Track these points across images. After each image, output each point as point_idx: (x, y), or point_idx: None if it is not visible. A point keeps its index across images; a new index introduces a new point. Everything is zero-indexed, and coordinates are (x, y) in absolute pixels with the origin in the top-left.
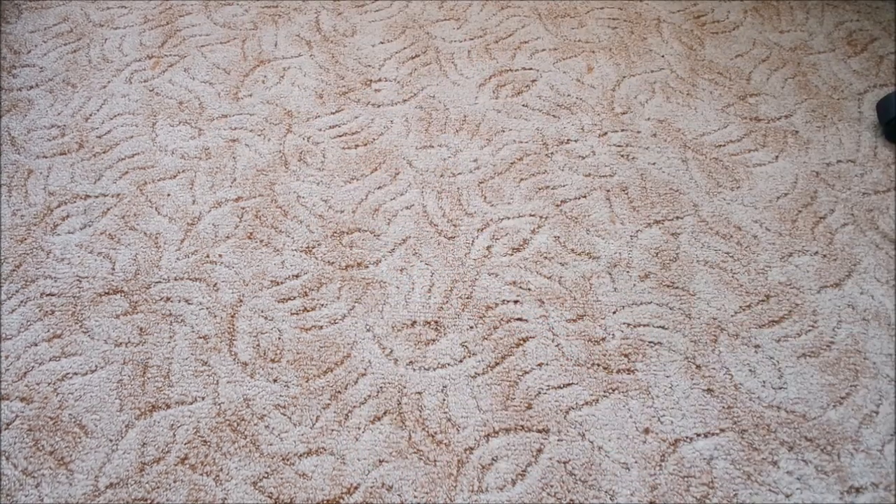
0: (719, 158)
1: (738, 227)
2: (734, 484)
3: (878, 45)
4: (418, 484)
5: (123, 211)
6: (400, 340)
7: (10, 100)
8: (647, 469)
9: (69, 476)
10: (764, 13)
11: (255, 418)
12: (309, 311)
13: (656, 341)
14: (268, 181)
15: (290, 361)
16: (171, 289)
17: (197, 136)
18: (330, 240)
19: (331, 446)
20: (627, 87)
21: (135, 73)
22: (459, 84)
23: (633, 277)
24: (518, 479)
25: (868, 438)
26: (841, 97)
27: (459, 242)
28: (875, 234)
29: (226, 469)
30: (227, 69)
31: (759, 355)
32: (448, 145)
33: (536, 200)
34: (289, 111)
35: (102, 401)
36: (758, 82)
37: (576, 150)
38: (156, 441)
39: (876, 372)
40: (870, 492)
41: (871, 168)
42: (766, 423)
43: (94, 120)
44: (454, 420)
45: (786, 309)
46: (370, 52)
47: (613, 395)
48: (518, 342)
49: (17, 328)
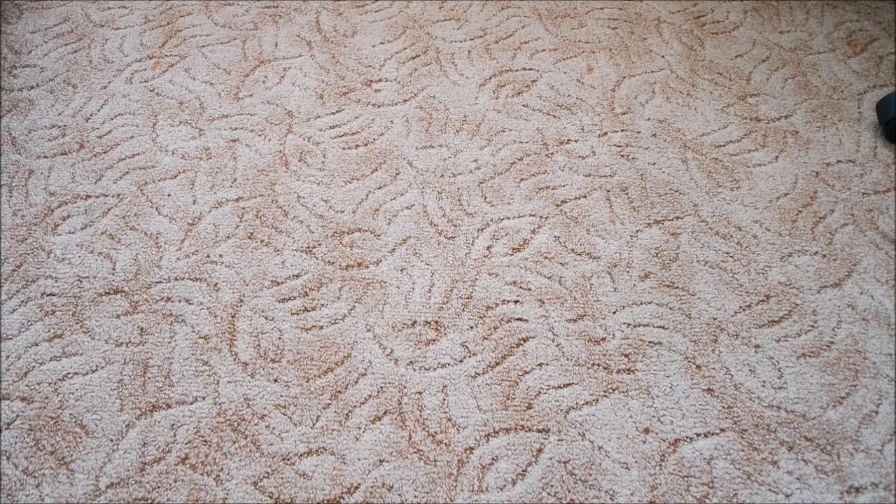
0: (719, 158)
1: (738, 227)
2: (734, 484)
3: (878, 46)
4: (418, 484)
5: (124, 211)
6: (400, 340)
7: (11, 100)
8: (647, 469)
9: (70, 476)
10: (764, 13)
11: (255, 418)
12: (309, 311)
13: (656, 341)
14: (268, 181)
15: (290, 361)
16: (172, 289)
17: (197, 136)
18: (330, 240)
19: (331, 446)
20: (627, 88)
21: (135, 73)
22: (460, 84)
23: (633, 277)
24: (518, 478)
25: (868, 438)
26: (841, 97)
27: (460, 242)
28: (875, 234)
29: (226, 469)
30: (228, 69)
31: (759, 355)
32: (448, 145)
33: (536, 200)
34: (289, 111)
35: (103, 401)
36: (758, 82)
37: (576, 151)
38: (156, 441)
39: (876, 372)
40: (870, 492)
41: (870, 168)
42: (766, 422)
43: (95, 120)
44: (454, 420)
45: (786, 309)
46: (370, 53)
47: (613, 395)
48: (518, 342)
49: (17, 328)
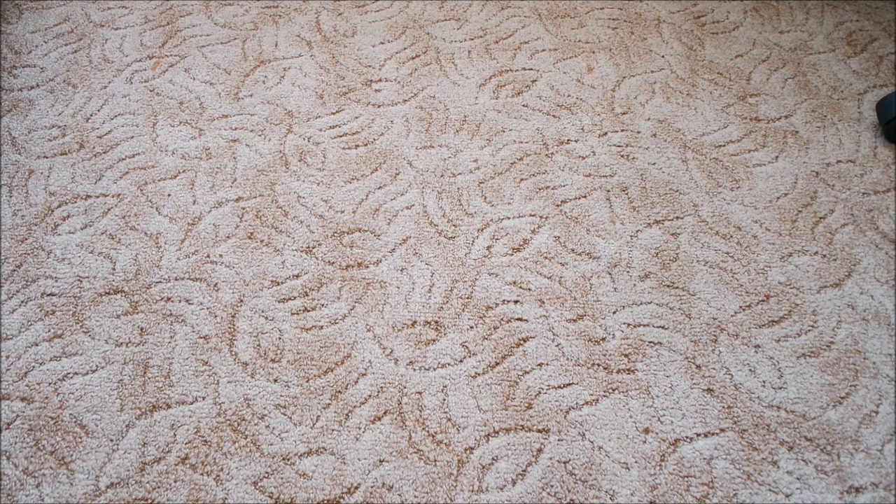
0: (719, 158)
1: (738, 227)
2: (734, 484)
3: (878, 46)
4: (418, 484)
5: (124, 211)
6: (400, 340)
7: (11, 100)
8: (647, 469)
9: (70, 476)
10: (764, 13)
11: (255, 418)
12: (309, 311)
13: (656, 341)
14: (268, 181)
15: (290, 361)
16: (172, 289)
17: (197, 136)
18: (330, 240)
19: (331, 446)
20: (627, 88)
21: (135, 73)
22: (460, 84)
23: (634, 277)
24: (518, 478)
25: (868, 438)
26: (841, 97)
27: (460, 242)
28: (875, 234)
29: (226, 469)
30: (228, 69)
31: (759, 355)
32: (448, 145)
33: (536, 200)
34: (289, 111)
35: (103, 400)
36: (758, 82)
37: (576, 151)
38: (156, 441)
39: (876, 372)
40: (870, 492)
41: (870, 168)
42: (766, 422)
43: (95, 120)
44: (454, 420)
45: (786, 309)
46: (370, 53)
47: (613, 395)
48: (518, 342)
49: (17, 328)
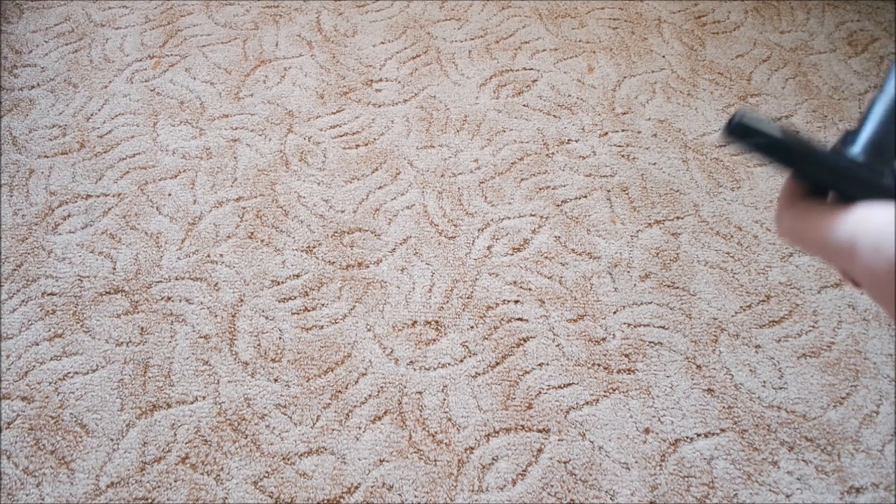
0: (720, 159)
1: (738, 227)
2: (734, 484)
3: (879, 46)
4: (419, 483)
5: (124, 210)
6: (400, 340)
7: (12, 99)
8: (648, 469)
9: (70, 475)
10: (764, 13)
11: (255, 418)
12: (310, 311)
13: (657, 341)
14: (269, 181)
15: (290, 361)
16: (172, 288)
17: (198, 135)
18: (331, 239)
19: (331, 446)
20: (628, 88)
21: (136, 72)
22: (460, 84)
23: (634, 277)
24: (518, 478)
25: (868, 438)
26: (841, 97)
27: (460, 242)
28: None
29: (226, 468)
30: (229, 69)
31: (759, 355)
32: (449, 145)
33: (537, 200)
34: (290, 111)
35: (103, 400)
36: (758, 82)
37: (576, 151)
38: (157, 440)
39: (876, 372)
40: (870, 492)
41: None
42: (766, 423)
43: (96, 120)
44: (454, 420)
45: (786, 309)
46: (371, 53)
47: (614, 395)
48: (518, 342)
49: (18, 327)
